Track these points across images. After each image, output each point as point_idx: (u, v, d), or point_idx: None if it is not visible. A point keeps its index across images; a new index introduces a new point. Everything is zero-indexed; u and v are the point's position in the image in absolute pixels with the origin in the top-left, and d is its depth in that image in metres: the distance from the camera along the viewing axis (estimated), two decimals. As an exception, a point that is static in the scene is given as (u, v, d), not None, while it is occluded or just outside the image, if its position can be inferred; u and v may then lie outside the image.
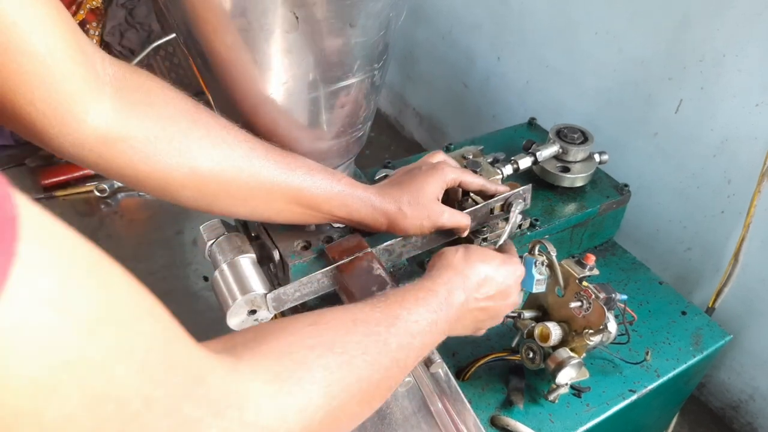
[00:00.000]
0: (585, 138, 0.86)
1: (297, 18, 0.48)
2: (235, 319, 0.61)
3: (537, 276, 0.65)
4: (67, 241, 0.21)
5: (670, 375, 0.72)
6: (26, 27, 0.37)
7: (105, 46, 1.39)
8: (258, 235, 0.69)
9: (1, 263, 0.17)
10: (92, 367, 0.21)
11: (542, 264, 0.66)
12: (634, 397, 0.70)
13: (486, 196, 0.71)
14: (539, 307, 0.71)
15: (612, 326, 0.64)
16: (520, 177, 0.84)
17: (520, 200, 0.72)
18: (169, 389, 0.24)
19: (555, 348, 0.66)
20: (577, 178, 0.84)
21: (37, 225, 0.19)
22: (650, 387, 0.71)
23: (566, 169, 0.85)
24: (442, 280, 0.53)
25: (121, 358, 0.22)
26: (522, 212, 0.74)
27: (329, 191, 0.58)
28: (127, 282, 0.24)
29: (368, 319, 0.42)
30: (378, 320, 0.43)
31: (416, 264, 0.72)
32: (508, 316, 0.69)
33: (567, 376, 0.65)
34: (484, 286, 0.56)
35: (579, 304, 0.65)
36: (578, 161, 0.85)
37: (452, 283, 0.53)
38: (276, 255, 0.65)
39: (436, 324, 0.49)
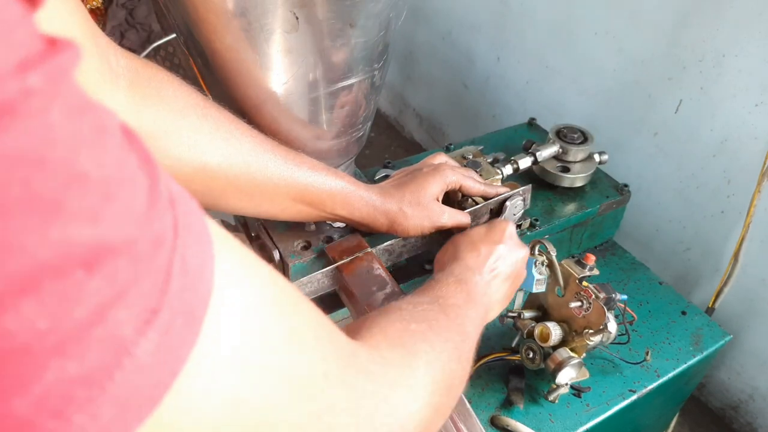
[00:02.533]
0: (585, 138, 0.86)
1: (297, 18, 0.48)
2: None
3: (537, 276, 0.65)
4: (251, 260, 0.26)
5: (670, 375, 0.72)
6: (42, 14, 0.37)
7: (105, 46, 1.38)
8: (258, 235, 0.69)
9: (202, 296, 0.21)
10: (290, 352, 0.25)
11: (542, 264, 0.66)
12: (634, 397, 0.70)
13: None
14: (539, 307, 0.71)
15: (612, 326, 0.64)
16: (520, 177, 0.84)
17: (518, 198, 0.72)
18: (338, 362, 0.29)
19: (555, 348, 0.66)
20: (576, 178, 0.84)
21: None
22: (650, 387, 0.71)
23: (566, 169, 0.85)
24: (447, 273, 0.52)
25: (304, 342, 0.27)
26: (521, 212, 0.75)
27: (332, 189, 0.59)
28: (287, 283, 0.28)
29: (424, 304, 0.44)
30: (430, 304, 0.45)
31: (416, 264, 0.73)
32: (507, 316, 0.69)
33: (567, 376, 0.65)
34: (487, 258, 0.55)
35: (579, 304, 0.65)
36: (578, 161, 0.85)
37: (458, 271, 0.53)
38: (276, 255, 0.65)
39: (470, 297, 0.49)
